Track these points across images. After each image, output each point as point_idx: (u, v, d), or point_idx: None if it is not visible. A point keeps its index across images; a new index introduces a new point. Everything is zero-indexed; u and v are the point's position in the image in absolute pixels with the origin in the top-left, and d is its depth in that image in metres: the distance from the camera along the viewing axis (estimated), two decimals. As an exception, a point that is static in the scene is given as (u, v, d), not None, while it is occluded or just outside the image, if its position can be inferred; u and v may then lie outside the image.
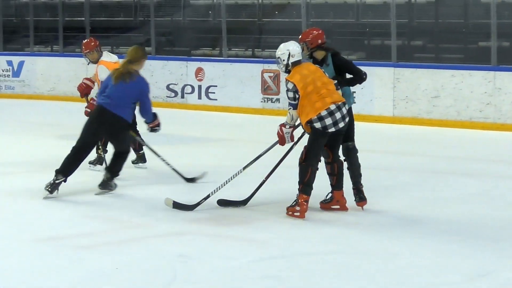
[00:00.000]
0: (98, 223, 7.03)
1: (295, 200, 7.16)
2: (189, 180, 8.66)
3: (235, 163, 8.60)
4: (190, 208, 7.36)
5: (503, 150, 11.39)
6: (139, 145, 9.37)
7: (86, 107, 9.15)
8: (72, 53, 17.64)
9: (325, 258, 6.01)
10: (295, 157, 7.31)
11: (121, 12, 18.42)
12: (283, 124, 7.25)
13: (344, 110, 7.12)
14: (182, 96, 16.16)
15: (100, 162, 9.22)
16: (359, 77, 7.45)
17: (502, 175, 9.44)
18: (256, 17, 16.84)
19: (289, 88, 7.16)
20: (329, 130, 7.07)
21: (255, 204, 7.55)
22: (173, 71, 16.24)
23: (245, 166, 7.76)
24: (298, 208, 7.10)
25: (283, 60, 7.24)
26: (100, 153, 9.26)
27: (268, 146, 7.66)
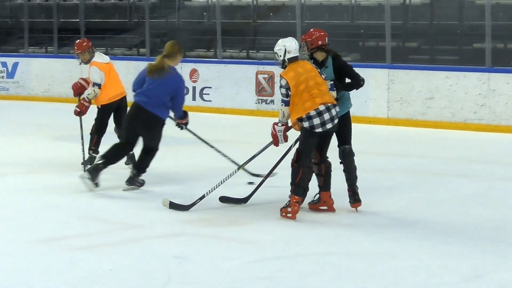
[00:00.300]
0: (95, 224, 7.02)
1: (288, 201, 7.17)
2: (254, 175, 8.54)
3: (229, 164, 8.61)
4: (185, 208, 7.38)
5: (497, 152, 11.39)
6: None
7: (77, 107, 9.24)
8: (67, 54, 17.57)
9: (321, 260, 6.01)
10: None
11: (115, 13, 18.39)
12: (276, 123, 7.26)
13: (333, 111, 7.10)
14: (177, 97, 16.11)
15: (91, 162, 9.20)
16: (357, 82, 7.43)
17: (497, 177, 9.45)
18: (251, 18, 16.82)
19: (282, 85, 7.15)
20: (316, 130, 7.05)
21: (250, 205, 7.56)
22: (167, 73, 16.17)
23: (239, 166, 7.78)
24: (290, 209, 7.11)
25: (280, 55, 7.23)
26: (92, 153, 9.30)
27: (263, 147, 7.67)
